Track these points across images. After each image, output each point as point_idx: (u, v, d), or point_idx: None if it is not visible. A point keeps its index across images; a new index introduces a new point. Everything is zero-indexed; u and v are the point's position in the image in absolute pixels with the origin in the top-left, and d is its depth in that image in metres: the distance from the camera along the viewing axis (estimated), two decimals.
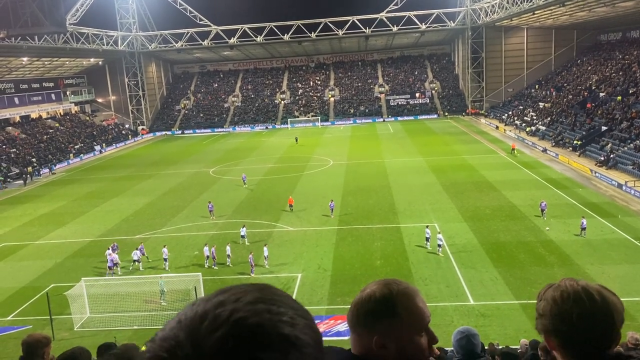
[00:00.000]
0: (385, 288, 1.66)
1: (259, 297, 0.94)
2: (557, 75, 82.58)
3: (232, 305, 0.91)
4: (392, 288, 1.65)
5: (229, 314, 0.89)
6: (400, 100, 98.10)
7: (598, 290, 1.63)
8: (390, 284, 1.67)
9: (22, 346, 4.31)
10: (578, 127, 59.10)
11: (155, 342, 0.90)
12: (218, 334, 0.87)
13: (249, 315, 0.89)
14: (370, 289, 1.68)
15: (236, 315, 0.89)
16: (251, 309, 0.90)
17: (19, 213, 44.53)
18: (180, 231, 36.10)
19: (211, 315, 0.89)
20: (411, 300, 1.64)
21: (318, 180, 48.62)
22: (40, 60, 77.32)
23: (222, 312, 0.90)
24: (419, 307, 1.64)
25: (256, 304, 0.92)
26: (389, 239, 31.69)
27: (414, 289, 1.67)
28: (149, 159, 69.11)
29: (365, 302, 1.65)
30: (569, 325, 1.60)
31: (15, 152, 68.44)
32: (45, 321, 23.17)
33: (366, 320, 1.63)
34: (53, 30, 31.54)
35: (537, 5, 60.58)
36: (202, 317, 0.89)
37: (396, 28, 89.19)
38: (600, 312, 1.58)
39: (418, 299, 1.65)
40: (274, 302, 0.94)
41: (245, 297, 0.93)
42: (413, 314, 1.62)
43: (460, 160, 53.28)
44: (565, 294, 1.64)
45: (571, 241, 29.57)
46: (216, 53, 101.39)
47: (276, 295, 0.96)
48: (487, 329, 20.68)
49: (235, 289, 0.96)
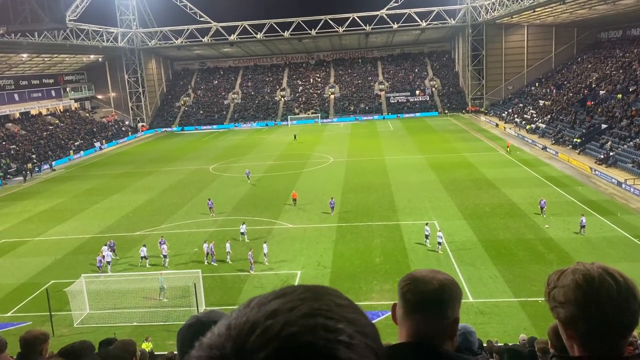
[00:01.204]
0: (442, 274, 1.88)
1: (317, 308, 0.86)
2: (557, 73, 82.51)
3: (285, 316, 0.84)
4: (444, 274, 1.90)
5: (281, 327, 0.82)
6: (401, 98, 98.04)
7: (618, 271, 1.59)
8: (438, 271, 1.91)
9: (20, 342, 4.27)
10: (578, 125, 59.08)
11: (202, 348, 0.85)
12: (266, 350, 0.80)
13: (302, 331, 0.82)
14: (434, 277, 1.84)
15: (288, 330, 0.82)
16: (305, 323, 0.83)
17: (18, 209, 44.54)
18: (180, 228, 36.12)
19: (261, 328, 0.83)
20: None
21: (318, 178, 48.63)
22: (40, 57, 77.23)
23: (273, 325, 0.83)
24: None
25: (312, 317, 0.84)
26: (389, 237, 31.71)
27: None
28: (149, 155, 69.10)
29: (448, 286, 1.82)
30: (597, 308, 1.53)
31: (15, 148, 68.41)
32: (45, 317, 23.20)
33: (449, 302, 1.80)
34: (53, 26, 31.52)
35: (537, 3, 60.51)
36: (252, 328, 0.83)
37: (396, 25, 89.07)
38: (627, 294, 1.54)
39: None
40: (333, 316, 0.86)
41: (302, 307, 0.86)
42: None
43: (460, 158, 53.27)
44: (589, 277, 1.56)
45: (570, 239, 29.59)
46: (216, 50, 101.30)
47: (336, 306, 0.88)
48: (486, 326, 20.71)
49: (293, 295, 0.89)
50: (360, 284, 25.33)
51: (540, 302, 22.46)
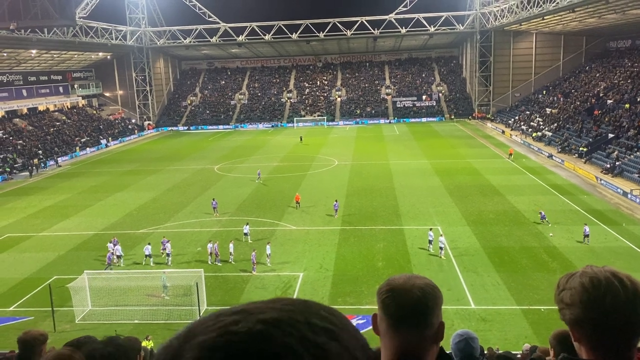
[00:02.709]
0: (420, 278, 1.79)
1: (293, 321, 0.91)
2: (564, 82, 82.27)
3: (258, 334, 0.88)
4: (421, 278, 1.80)
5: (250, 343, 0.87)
6: (407, 102, 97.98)
7: (627, 275, 1.60)
8: (416, 276, 1.81)
9: (18, 344, 4.19)
10: (584, 134, 58.87)
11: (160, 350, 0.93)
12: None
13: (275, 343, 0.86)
14: (414, 284, 1.76)
15: (259, 345, 0.86)
16: (280, 338, 0.87)
17: (23, 204, 44.73)
18: (183, 227, 36.17)
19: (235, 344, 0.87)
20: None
21: (322, 180, 48.62)
22: (49, 53, 77.65)
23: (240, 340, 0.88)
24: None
25: (286, 329, 0.89)
26: (392, 241, 31.66)
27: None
28: (155, 154, 69.28)
29: (430, 293, 1.75)
30: (602, 312, 1.54)
31: (22, 143, 68.72)
32: (47, 313, 23.27)
33: (434, 310, 1.73)
34: (63, 23, 31.66)
35: (546, 11, 60.38)
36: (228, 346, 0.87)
37: (404, 30, 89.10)
38: (634, 297, 1.54)
39: None
40: (310, 326, 0.91)
41: (276, 325, 0.89)
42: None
43: (465, 164, 53.16)
44: (596, 280, 1.58)
45: (574, 248, 29.46)
46: (224, 50, 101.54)
47: (306, 324, 0.92)
48: (487, 333, 20.63)
49: (255, 307, 0.93)
50: (362, 287, 25.28)
51: (543, 310, 22.37)
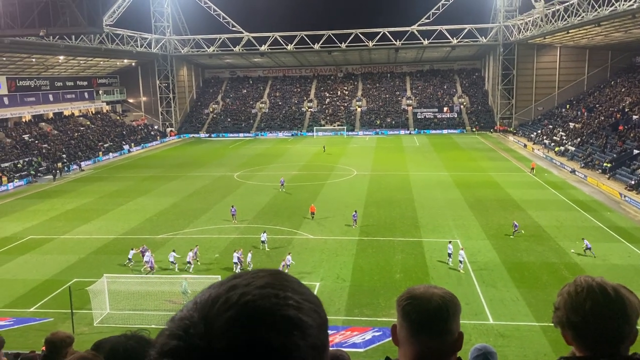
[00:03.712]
0: (439, 288, 1.82)
1: (269, 282, 1.02)
2: (589, 96, 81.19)
3: (242, 289, 0.99)
4: (440, 288, 1.83)
5: (239, 297, 0.98)
6: (428, 114, 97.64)
7: (614, 286, 1.69)
8: (434, 286, 1.84)
9: (46, 344, 4.25)
10: (609, 150, 57.93)
11: (174, 321, 1.00)
12: (227, 314, 0.96)
13: (257, 298, 0.98)
14: (434, 292, 1.79)
15: (245, 298, 0.98)
16: (259, 292, 0.99)
17: (46, 207, 45.52)
18: (202, 233, 36.41)
19: (223, 298, 0.98)
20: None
21: (341, 190, 48.58)
22: (75, 59, 79.26)
23: (232, 295, 0.98)
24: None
25: (265, 288, 1.00)
26: (410, 253, 31.43)
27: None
28: (176, 160, 70.03)
29: (450, 301, 1.77)
30: (581, 316, 1.66)
31: (47, 147, 70.09)
32: (66, 315, 23.56)
33: (454, 317, 1.76)
34: (91, 30, 32.34)
35: (572, 25, 59.81)
36: (215, 300, 0.99)
37: (427, 41, 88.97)
38: (613, 306, 1.64)
39: None
40: (282, 287, 1.02)
41: (256, 281, 1.02)
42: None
43: (486, 177, 52.67)
44: (580, 288, 1.71)
45: (596, 265, 28.89)
46: (247, 59, 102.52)
47: (286, 281, 1.05)
48: (505, 349, 20.31)
49: (248, 274, 1.05)
50: (379, 299, 25.10)
51: None
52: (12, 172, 59.51)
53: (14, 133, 70.65)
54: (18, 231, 38.28)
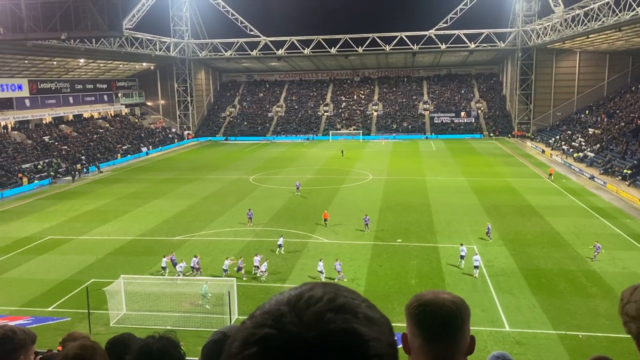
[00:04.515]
0: (447, 293, 1.80)
1: (337, 287, 1.09)
2: (609, 102, 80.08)
3: (320, 290, 1.05)
4: (448, 293, 1.81)
5: (321, 295, 1.03)
6: (445, 119, 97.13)
7: None
8: (442, 291, 1.82)
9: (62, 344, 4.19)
10: (629, 156, 57.05)
11: (257, 316, 1.01)
12: (316, 307, 1.00)
13: (337, 296, 1.04)
14: (444, 298, 1.76)
15: (327, 296, 1.03)
16: (336, 292, 1.05)
17: (65, 208, 46.16)
18: (217, 236, 36.62)
19: (307, 295, 1.03)
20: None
21: (356, 194, 48.51)
22: (95, 63, 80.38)
23: (315, 293, 1.04)
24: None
25: (339, 290, 1.07)
26: (426, 258, 31.26)
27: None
28: (193, 163, 70.58)
29: (461, 306, 1.75)
30: None
31: (67, 149, 71.11)
32: (84, 315, 23.85)
33: (465, 322, 1.74)
34: (111, 34, 32.81)
35: (592, 29, 59.13)
36: (299, 297, 1.03)
37: (444, 46, 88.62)
38: None
39: None
40: (349, 292, 1.09)
41: (326, 287, 1.08)
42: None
43: (503, 183, 52.21)
44: None
45: (616, 273, 28.45)
46: (264, 63, 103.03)
47: (347, 291, 1.10)
48: (521, 357, 20.09)
49: (313, 283, 1.10)
50: (394, 304, 24.97)
51: (581, 337, 21.66)
52: (33, 173, 60.48)
53: (35, 134, 71.81)
54: (37, 231, 38.88)
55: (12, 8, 29.59)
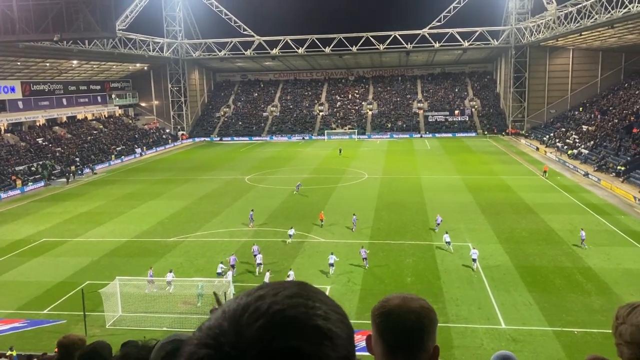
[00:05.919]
0: (415, 300, 1.70)
1: (297, 292, 1.02)
2: (602, 99, 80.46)
3: (271, 299, 0.99)
4: (416, 299, 1.71)
5: (268, 306, 0.97)
6: (439, 117, 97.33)
7: None
8: (411, 298, 1.72)
9: (58, 347, 4.22)
10: (623, 152, 57.34)
11: (202, 330, 0.98)
12: (258, 324, 0.94)
13: (286, 307, 0.97)
14: (409, 307, 1.67)
15: (274, 307, 0.97)
16: (288, 302, 0.98)
17: (60, 210, 45.96)
18: (213, 236, 36.55)
19: (252, 307, 0.97)
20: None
21: (352, 193, 48.53)
22: (89, 64, 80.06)
23: (261, 305, 0.97)
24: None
25: (293, 298, 1.00)
26: (421, 256, 31.32)
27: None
28: (187, 163, 70.41)
29: (426, 317, 1.67)
30: None
31: (60, 151, 70.81)
32: (79, 317, 23.76)
33: (429, 334, 1.66)
34: (104, 35, 32.75)
35: (584, 27, 59.36)
36: (244, 309, 0.97)
37: (438, 44, 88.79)
38: None
39: None
40: (310, 297, 1.02)
41: (284, 291, 1.01)
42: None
43: (498, 181, 52.35)
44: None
45: (611, 269, 28.59)
46: (258, 63, 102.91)
47: (312, 292, 1.04)
48: (518, 354, 20.11)
49: (275, 285, 1.04)
50: None
51: (576, 333, 21.76)
52: (26, 175, 60.18)
53: (28, 136, 71.48)
54: (32, 234, 38.70)
55: (3, 9, 29.43)
